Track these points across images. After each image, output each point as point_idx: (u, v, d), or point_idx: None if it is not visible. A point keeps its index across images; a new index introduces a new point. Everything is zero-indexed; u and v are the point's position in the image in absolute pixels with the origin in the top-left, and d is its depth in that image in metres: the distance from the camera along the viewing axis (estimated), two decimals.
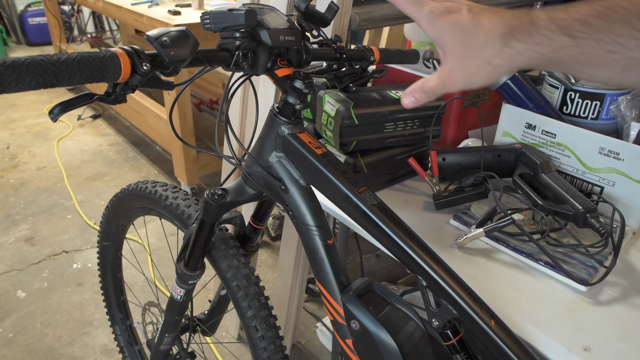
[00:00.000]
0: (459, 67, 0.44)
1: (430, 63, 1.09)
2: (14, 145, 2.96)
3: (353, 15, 1.03)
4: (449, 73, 0.45)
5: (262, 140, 0.70)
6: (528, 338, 0.64)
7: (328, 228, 0.69)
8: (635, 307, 0.68)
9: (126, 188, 1.02)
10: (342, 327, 0.66)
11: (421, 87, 0.47)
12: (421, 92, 0.47)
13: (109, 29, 4.92)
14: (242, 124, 1.36)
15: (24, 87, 0.41)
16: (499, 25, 0.40)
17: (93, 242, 2.11)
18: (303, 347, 1.64)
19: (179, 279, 0.88)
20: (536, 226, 0.81)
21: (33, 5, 4.85)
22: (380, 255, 1.97)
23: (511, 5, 1.53)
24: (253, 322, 0.83)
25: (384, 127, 0.90)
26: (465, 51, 0.42)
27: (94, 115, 3.36)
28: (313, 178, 0.67)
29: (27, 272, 1.93)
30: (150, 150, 2.94)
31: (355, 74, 0.79)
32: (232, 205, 0.77)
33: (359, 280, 0.67)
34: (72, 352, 1.58)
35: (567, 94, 0.97)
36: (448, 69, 0.45)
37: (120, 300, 1.30)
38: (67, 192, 2.48)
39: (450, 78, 0.45)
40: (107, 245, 1.18)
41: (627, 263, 0.77)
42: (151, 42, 0.48)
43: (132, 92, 0.50)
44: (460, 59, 0.43)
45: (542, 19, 0.39)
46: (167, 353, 1.03)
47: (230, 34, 0.57)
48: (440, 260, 0.59)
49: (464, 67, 0.43)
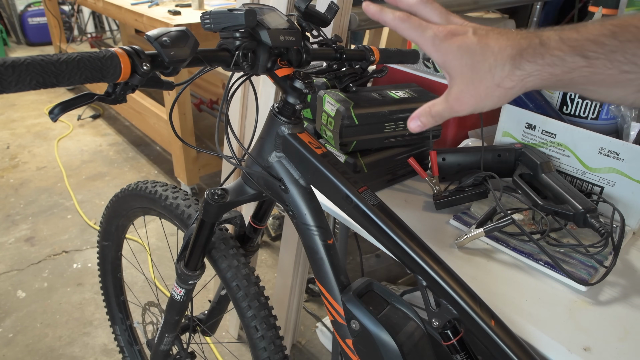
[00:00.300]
0: (467, 91, 0.43)
1: (430, 63, 1.09)
2: (14, 145, 2.96)
3: (353, 15, 1.03)
4: (458, 97, 0.44)
5: (262, 140, 0.70)
6: (528, 338, 0.64)
7: (328, 228, 0.69)
8: (635, 307, 0.68)
9: (126, 188, 1.02)
10: (342, 327, 0.66)
11: (428, 111, 0.47)
12: (428, 116, 0.47)
13: (109, 29, 4.92)
14: (242, 124, 1.36)
15: (24, 87, 0.41)
16: (508, 47, 0.40)
17: (93, 242, 2.11)
18: (303, 347, 1.64)
19: (179, 279, 0.88)
20: (536, 226, 0.81)
21: (33, 5, 4.85)
22: (380, 255, 1.97)
23: (511, 5, 1.53)
24: (253, 322, 0.83)
25: (384, 127, 0.90)
26: (473, 74, 0.42)
27: (94, 115, 3.36)
28: (313, 178, 0.67)
29: (27, 272, 1.93)
30: (150, 150, 2.94)
31: (355, 74, 0.79)
32: (232, 205, 0.77)
33: (359, 280, 0.67)
34: (72, 352, 1.58)
35: (567, 94, 0.97)
36: (456, 92, 0.44)
37: (120, 300, 1.30)
38: (67, 192, 2.48)
39: (458, 102, 0.44)
40: (107, 245, 1.18)
41: (627, 263, 0.77)
42: (151, 42, 0.48)
43: (132, 92, 0.50)
44: (469, 83, 0.42)
45: (553, 39, 0.38)
46: (167, 353, 1.03)
47: (230, 34, 0.57)
48: (440, 260, 0.59)
49: (473, 91, 0.42)
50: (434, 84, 1.06)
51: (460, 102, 0.44)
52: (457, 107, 0.44)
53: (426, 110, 0.47)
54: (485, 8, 1.54)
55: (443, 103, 0.45)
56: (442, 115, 0.46)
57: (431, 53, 0.45)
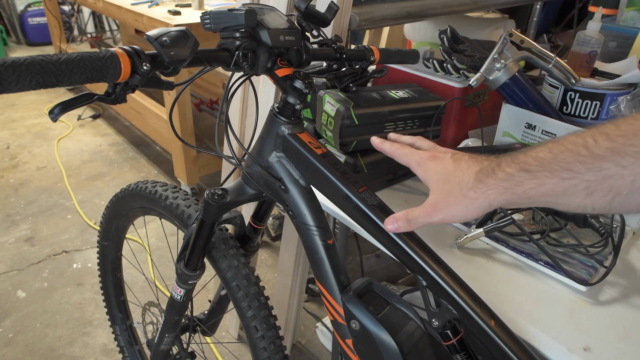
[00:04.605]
0: (441, 200, 0.52)
1: (430, 63, 1.09)
2: (14, 145, 2.96)
3: (353, 15, 1.03)
4: (433, 205, 0.52)
5: (262, 140, 0.70)
6: (528, 338, 0.64)
7: (328, 228, 0.69)
8: (635, 307, 0.68)
9: (126, 188, 1.02)
10: (342, 327, 0.66)
11: (405, 216, 0.55)
12: (404, 221, 0.55)
13: (109, 29, 4.92)
14: (242, 124, 1.36)
15: (24, 87, 0.41)
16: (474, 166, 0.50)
17: (93, 242, 2.11)
18: (303, 347, 1.64)
19: (179, 279, 0.88)
20: (536, 226, 0.81)
21: (33, 5, 4.85)
22: (380, 255, 1.96)
23: (511, 5, 1.53)
24: (253, 322, 0.83)
25: (384, 127, 0.90)
26: (446, 186, 0.51)
27: (94, 115, 3.36)
28: (313, 178, 0.67)
29: (27, 272, 1.93)
30: (150, 150, 2.94)
31: (355, 74, 0.79)
32: (232, 205, 0.77)
33: (359, 280, 0.67)
34: (72, 352, 1.58)
35: (567, 94, 0.97)
36: (432, 201, 0.53)
37: (120, 300, 1.30)
38: (67, 192, 2.48)
39: (433, 209, 0.52)
40: (107, 245, 1.18)
41: (627, 263, 0.77)
42: (151, 42, 0.48)
43: (132, 92, 0.50)
44: (443, 194, 0.51)
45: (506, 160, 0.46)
46: (167, 353, 1.03)
47: (230, 34, 0.57)
48: (440, 260, 0.59)
49: (446, 200, 0.51)
50: (434, 84, 1.06)
51: (434, 209, 0.52)
52: (432, 214, 0.52)
53: (404, 214, 0.55)
54: (485, 8, 1.54)
55: (420, 209, 0.54)
56: (417, 221, 0.54)
57: (416, 170, 0.56)
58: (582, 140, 0.40)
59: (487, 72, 0.93)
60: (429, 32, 1.42)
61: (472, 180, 0.49)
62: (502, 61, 0.92)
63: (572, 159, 0.40)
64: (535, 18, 1.78)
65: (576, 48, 1.02)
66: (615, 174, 0.38)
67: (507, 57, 0.92)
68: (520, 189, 0.44)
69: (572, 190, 0.41)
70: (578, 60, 1.02)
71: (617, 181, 0.38)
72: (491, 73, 0.93)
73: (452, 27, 1.08)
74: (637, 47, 1.18)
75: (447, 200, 0.51)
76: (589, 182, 0.39)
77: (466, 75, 1.04)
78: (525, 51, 0.94)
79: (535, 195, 0.44)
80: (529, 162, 0.44)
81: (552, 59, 0.94)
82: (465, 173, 0.50)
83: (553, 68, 0.94)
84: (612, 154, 0.38)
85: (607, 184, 0.38)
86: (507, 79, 0.93)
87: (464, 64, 1.03)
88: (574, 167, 0.40)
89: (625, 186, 0.38)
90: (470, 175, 0.49)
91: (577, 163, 0.40)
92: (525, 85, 0.94)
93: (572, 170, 0.40)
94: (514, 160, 0.46)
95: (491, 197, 0.47)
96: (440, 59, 1.07)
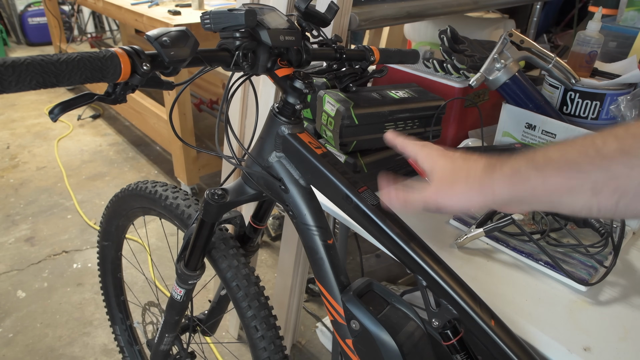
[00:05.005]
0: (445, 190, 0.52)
1: (430, 63, 1.09)
2: (14, 145, 2.96)
3: (353, 15, 1.03)
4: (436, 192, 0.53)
5: (262, 140, 0.70)
6: (528, 338, 0.64)
7: (328, 228, 0.69)
8: (635, 307, 0.68)
9: (126, 188, 1.02)
10: (342, 327, 0.66)
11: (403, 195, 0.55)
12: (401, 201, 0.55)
13: (109, 29, 4.92)
14: (242, 124, 1.36)
15: (24, 87, 0.41)
16: (483, 161, 0.50)
17: (93, 242, 2.11)
18: (303, 347, 1.64)
19: (179, 279, 0.88)
20: (536, 226, 0.81)
21: (33, 5, 4.85)
22: (380, 255, 1.96)
23: (511, 5, 1.53)
24: (253, 322, 0.83)
25: (384, 127, 0.90)
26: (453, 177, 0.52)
27: (94, 115, 3.36)
28: (313, 178, 0.67)
29: (27, 272, 1.93)
30: (150, 150, 2.94)
31: (355, 74, 0.79)
32: (232, 205, 0.77)
33: (359, 280, 0.67)
34: (72, 352, 1.58)
35: (567, 94, 0.97)
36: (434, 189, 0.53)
37: (120, 300, 1.30)
38: (67, 192, 2.48)
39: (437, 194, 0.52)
40: (107, 245, 1.18)
41: (627, 263, 0.77)
42: (151, 42, 0.48)
43: (132, 92, 0.50)
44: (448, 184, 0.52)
45: (515, 157, 0.47)
46: (167, 353, 1.03)
47: (230, 34, 0.57)
48: (440, 260, 0.59)
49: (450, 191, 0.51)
50: (434, 84, 1.06)
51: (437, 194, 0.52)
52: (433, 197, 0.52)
53: (401, 193, 0.55)
54: (485, 8, 1.54)
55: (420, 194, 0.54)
56: (413, 204, 0.54)
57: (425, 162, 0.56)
58: (591, 141, 0.41)
59: (487, 72, 0.93)
60: (429, 32, 1.42)
61: (479, 172, 0.49)
62: (502, 61, 0.92)
63: (580, 158, 0.41)
64: (535, 18, 1.78)
65: (576, 48, 1.02)
66: (622, 175, 0.38)
67: (507, 57, 0.92)
68: (526, 185, 0.45)
69: (578, 188, 0.41)
70: (578, 60, 1.02)
71: (624, 182, 0.38)
72: (491, 73, 0.93)
73: (452, 27, 1.08)
74: (637, 47, 1.18)
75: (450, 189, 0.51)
76: (595, 182, 0.40)
77: (466, 75, 1.04)
78: (525, 51, 0.94)
79: (541, 192, 0.44)
80: (537, 160, 0.44)
81: (552, 59, 0.94)
82: (473, 166, 0.50)
83: (553, 68, 0.94)
84: (621, 155, 0.38)
85: (614, 184, 0.39)
86: (507, 79, 0.93)
87: (464, 64, 1.03)
88: (582, 167, 0.41)
89: (632, 187, 0.38)
90: (478, 168, 0.49)
91: (585, 162, 0.40)
92: (525, 85, 0.94)
93: (580, 170, 0.41)
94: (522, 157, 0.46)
95: (497, 190, 0.47)
96: (440, 59, 1.07)
